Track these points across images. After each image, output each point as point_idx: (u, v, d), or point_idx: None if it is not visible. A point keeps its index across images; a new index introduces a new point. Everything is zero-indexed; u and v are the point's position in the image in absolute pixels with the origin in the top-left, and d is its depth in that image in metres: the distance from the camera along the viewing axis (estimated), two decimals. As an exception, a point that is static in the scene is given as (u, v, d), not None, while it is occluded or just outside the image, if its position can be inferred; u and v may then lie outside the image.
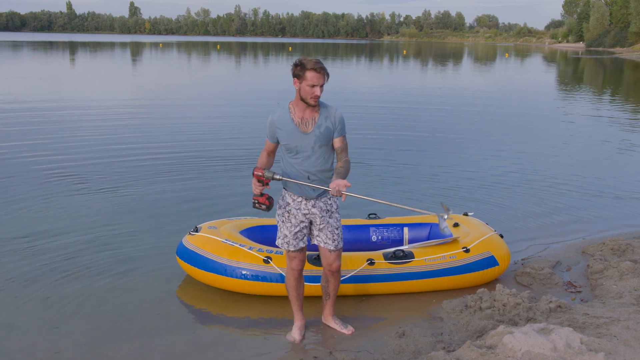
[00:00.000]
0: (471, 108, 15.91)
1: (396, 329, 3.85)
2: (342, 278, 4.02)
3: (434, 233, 4.94)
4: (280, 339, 3.82)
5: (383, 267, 4.27)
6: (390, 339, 3.75)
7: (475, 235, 4.63)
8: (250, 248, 4.28)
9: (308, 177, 3.48)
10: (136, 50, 59.10)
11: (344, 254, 4.21)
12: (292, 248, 3.62)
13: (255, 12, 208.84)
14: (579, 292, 4.55)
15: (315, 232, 3.65)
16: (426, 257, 4.34)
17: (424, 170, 8.50)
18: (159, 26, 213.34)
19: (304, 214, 3.57)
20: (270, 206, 3.48)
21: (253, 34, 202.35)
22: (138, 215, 6.14)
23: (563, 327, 3.23)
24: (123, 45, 74.73)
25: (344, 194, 3.27)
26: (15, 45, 61.67)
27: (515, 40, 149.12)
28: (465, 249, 4.44)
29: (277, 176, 3.42)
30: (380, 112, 14.61)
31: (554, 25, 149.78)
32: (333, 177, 3.36)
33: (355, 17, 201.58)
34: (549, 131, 12.35)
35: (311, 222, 3.64)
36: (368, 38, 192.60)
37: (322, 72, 3.34)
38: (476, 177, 8.09)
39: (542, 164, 9.03)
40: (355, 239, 4.89)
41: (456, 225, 4.87)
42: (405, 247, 4.56)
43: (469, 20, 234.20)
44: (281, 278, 4.14)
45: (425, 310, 4.23)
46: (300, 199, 3.55)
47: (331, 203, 3.62)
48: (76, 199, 6.62)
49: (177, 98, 17.24)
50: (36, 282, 4.48)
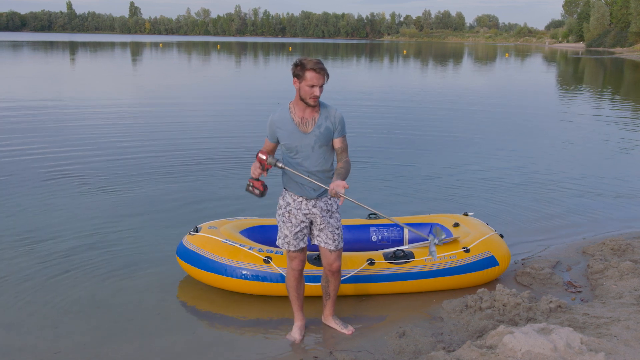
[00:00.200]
0: (471, 108, 15.91)
1: (396, 329, 3.85)
2: (342, 278, 4.02)
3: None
4: (280, 339, 3.82)
5: (383, 267, 4.27)
6: (390, 339, 3.75)
7: (475, 235, 4.63)
8: (250, 248, 4.28)
9: (308, 177, 3.48)
10: (136, 50, 59.11)
11: (344, 254, 4.20)
12: (293, 248, 3.62)
13: (255, 12, 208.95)
14: (579, 292, 4.55)
15: (315, 232, 3.65)
16: (426, 257, 4.33)
17: (424, 169, 8.51)
18: (159, 26, 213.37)
19: (305, 214, 3.57)
20: (263, 193, 3.42)
21: (253, 34, 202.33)
22: (138, 215, 6.14)
23: (563, 327, 3.22)
24: (123, 45, 74.74)
25: (342, 197, 3.23)
26: (15, 45, 61.68)
27: (515, 40, 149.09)
28: (465, 249, 4.44)
29: (280, 164, 3.39)
30: (380, 112, 14.61)
31: (554, 25, 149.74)
32: (333, 178, 3.36)
33: (355, 17, 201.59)
34: (549, 131, 12.35)
35: (312, 222, 3.64)
36: (368, 38, 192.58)
37: (322, 73, 3.33)
38: (476, 177, 8.09)
39: (543, 164, 9.03)
40: (355, 239, 4.89)
41: (456, 225, 4.87)
42: (405, 247, 4.56)
43: (469, 20, 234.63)
44: (281, 278, 4.15)
45: (425, 310, 4.23)
46: (300, 199, 3.55)
47: (331, 203, 3.62)
48: (76, 199, 6.63)
49: (177, 98, 17.23)
50: (36, 282, 4.48)
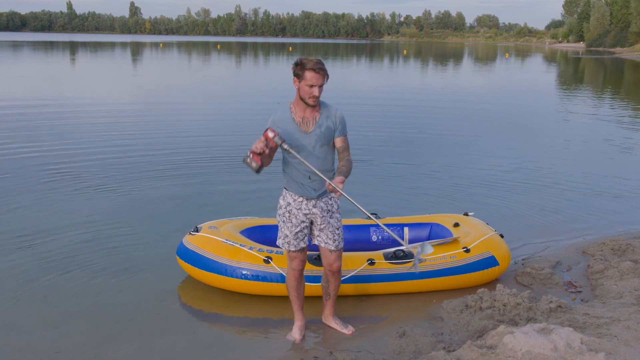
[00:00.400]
0: (472, 108, 15.90)
1: (396, 329, 3.84)
2: (343, 278, 4.02)
3: (434, 233, 4.94)
4: (280, 339, 3.82)
5: (383, 267, 4.27)
6: (390, 339, 3.75)
7: (475, 235, 4.63)
8: (250, 248, 4.28)
9: (309, 177, 3.48)
10: (136, 50, 59.12)
11: (344, 254, 4.20)
12: (293, 248, 3.62)
13: (255, 12, 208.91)
14: (580, 292, 4.55)
15: (316, 232, 3.64)
16: (426, 257, 4.33)
17: (425, 169, 8.51)
18: (160, 26, 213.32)
19: (305, 214, 3.57)
20: (260, 168, 3.34)
21: (253, 34, 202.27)
22: (138, 214, 6.14)
23: (563, 327, 3.22)
24: (123, 45, 74.75)
25: (339, 191, 3.22)
26: (15, 45, 61.69)
27: (515, 40, 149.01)
28: (465, 249, 4.44)
29: (286, 145, 3.32)
30: (380, 112, 14.61)
31: (555, 25, 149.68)
32: (335, 177, 3.36)
33: (355, 17, 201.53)
34: (550, 131, 12.35)
35: (312, 222, 3.64)
36: (368, 38, 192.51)
37: (321, 73, 3.33)
38: (476, 177, 8.08)
39: (543, 164, 9.03)
40: (355, 239, 4.89)
41: (456, 225, 4.87)
42: (405, 247, 4.55)
43: (469, 20, 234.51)
44: (281, 278, 4.14)
45: (425, 310, 4.23)
46: (301, 199, 3.55)
47: (332, 203, 3.61)
48: (76, 199, 6.62)
49: (178, 98, 17.23)
50: (36, 282, 4.48)
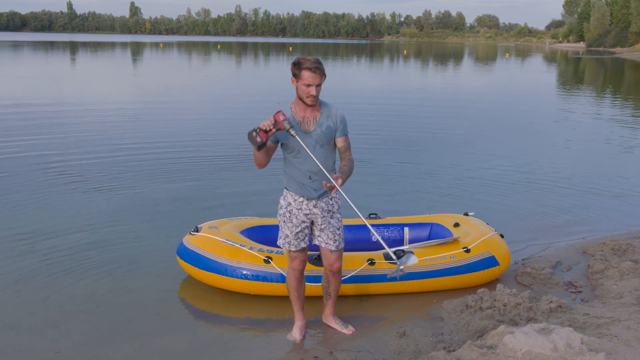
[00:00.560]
0: (472, 108, 15.90)
1: (397, 329, 3.84)
2: (343, 278, 4.02)
3: (435, 233, 4.93)
4: (280, 339, 3.82)
5: (384, 267, 4.27)
6: (390, 339, 3.75)
7: (475, 235, 4.62)
8: (250, 248, 4.27)
9: (310, 177, 3.48)
10: (137, 50, 59.12)
11: (345, 254, 4.20)
12: (294, 248, 3.62)
13: (255, 12, 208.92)
14: (580, 292, 4.55)
15: (316, 233, 3.64)
16: (427, 257, 4.33)
17: (425, 169, 8.50)
18: (160, 26, 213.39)
19: (305, 214, 3.57)
20: (263, 145, 3.31)
21: (253, 34, 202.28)
22: (138, 214, 6.14)
23: (564, 327, 3.22)
24: (123, 45, 74.76)
25: (335, 186, 3.18)
26: (15, 45, 61.70)
27: (515, 40, 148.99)
28: (465, 249, 4.44)
29: (293, 132, 3.29)
30: (380, 112, 14.61)
31: (555, 25, 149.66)
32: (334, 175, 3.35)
33: (355, 17, 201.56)
34: (550, 131, 12.35)
35: (312, 223, 3.64)
36: (368, 38, 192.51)
37: (318, 72, 3.32)
38: (477, 177, 8.08)
39: (543, 164, 9.02)
40: (355, 239, 4.88)
41: (457, 225, 4.87)
42: (405, 247, 4.55)
43: (470, 20, 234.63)
44: (282, 278, 4.14)
45: (425, 310, 4.22)
46: (301, 199, 3.55)
47: (332, 203, 3.61)
48: (76, 199, 6.63)
49: (178, 98, 17.23)
50: (36, 282, 4.48)
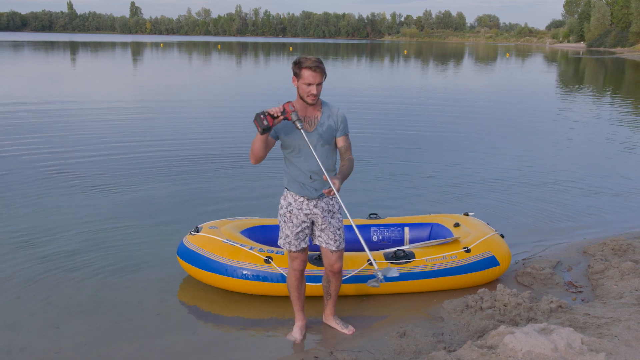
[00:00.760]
0: (472, 107, 15.90)
1: (397, 329, 3.84)
2: (343, 278, 4.02)
3: (435, 233, 4.93)
4: (280, 339, 3.82)
5: (383, 268, 4.25)
6: (391, 339, 3.75)
7: (476, 235, 4.62)
8: (251, 248, 4.27)
9: (310, 177, 3.48)
10: (137, 50, 59.13)
11: (345, 254, 4.20)
12: (294, 248, 3.62)
13: (256, 12, 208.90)
14: (580, 292, 4.55)
15: (317, 233, 3.64)
16: (427, 257, 4.33)
17: (425, 169, 8.50)
18: (160, 26, 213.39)
19: (306, 214, 3.57)
20: (268, 129, 3.31)
21: (254, 34, 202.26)
22: (139, 215, 6.14)
23: (564, 327, 3.22)
24: (124, 45, 74.77)
25: (333, 190, 3.16)
26: (16, 45, 61.71)
27: (516, 40, 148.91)
28: (466, 249, 4.43)
29: (299, 124, 3.29)
30: (381, 112, 14.61)
31: (555, 25, 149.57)
32: (334, 176, 3.35)
33: (356, 17, 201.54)
34: (550, 131, 12.34)
35: (313, 223, 3.63)
36: (369, 38, 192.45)
37: (318, 71, 3.32)
38: (477, 177, 8.08)
39: (544, 164, 9.02)
40: (355, 239, 4.86)
41: (457, 225, 4.87)
42: (406, 247, 4.55)
43: (470, 20, 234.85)
44: (282, 278, 4.14)
45: (426, 310, 4.22)
46: (302, 199, 3.55)
47: (333, 203, 3.61)
48: (76, 199, 6.63)
49: (178, 98, 17.23)
50: (36, 282, 4.48)
